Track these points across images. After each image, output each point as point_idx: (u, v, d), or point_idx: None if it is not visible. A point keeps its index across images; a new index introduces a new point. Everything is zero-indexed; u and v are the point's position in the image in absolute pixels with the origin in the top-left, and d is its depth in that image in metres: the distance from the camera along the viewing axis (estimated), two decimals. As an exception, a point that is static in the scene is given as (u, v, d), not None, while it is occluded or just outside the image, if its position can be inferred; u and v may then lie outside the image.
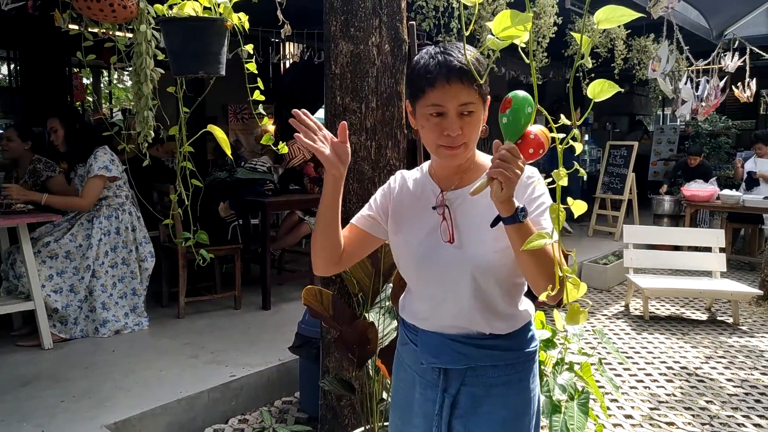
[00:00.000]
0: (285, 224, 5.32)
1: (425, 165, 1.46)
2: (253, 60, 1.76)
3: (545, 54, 5.12)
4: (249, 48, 1.68)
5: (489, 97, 1.32)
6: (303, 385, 3.22)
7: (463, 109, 1.25)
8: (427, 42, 5.02)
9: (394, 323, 2.36)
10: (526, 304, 1.42)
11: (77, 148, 3.98)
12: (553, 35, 4.98)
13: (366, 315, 2.31)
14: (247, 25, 1.53)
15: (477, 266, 1.31)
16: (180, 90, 2.05)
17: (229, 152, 1.91)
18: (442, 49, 1.28)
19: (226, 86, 1.82)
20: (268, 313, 4.39)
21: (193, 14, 1.54)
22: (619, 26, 6.01)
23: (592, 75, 5.60)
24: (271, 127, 8.10)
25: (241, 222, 5.22)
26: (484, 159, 1.40)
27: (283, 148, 1.87)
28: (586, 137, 9.97)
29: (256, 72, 1.67)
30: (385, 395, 2.38)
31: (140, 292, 4.02)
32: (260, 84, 1.80)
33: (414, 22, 2.80)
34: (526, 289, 1.41)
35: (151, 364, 3.35)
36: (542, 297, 1.40)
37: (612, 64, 6.23)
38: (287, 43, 7.70)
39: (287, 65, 8.95)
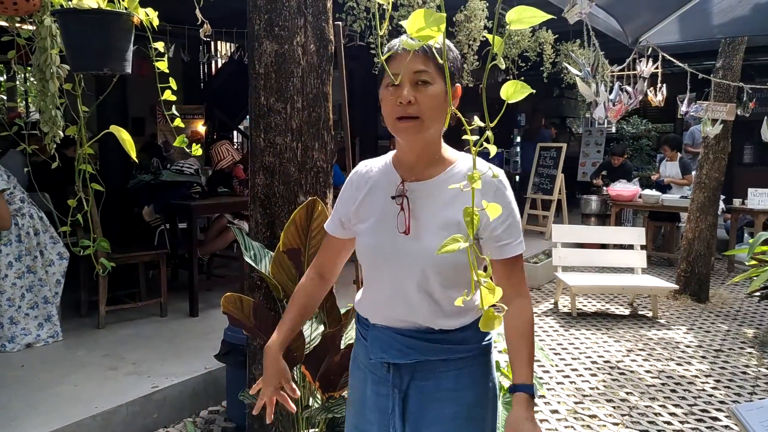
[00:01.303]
0: (214, 228, 5.16)
1: (390, 154, 1.43)
2: (165, 59, 1.67)
3: (476, 57, 5.20)
4: (159, 45, 1.59)
5: (459, 85, 1.31)
6: (230, 394, 3.12)
7: (417, 78, 1.23)
8: (360, 43, 5.01)
9: (321, 328, 2.32)
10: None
11: None
12: (483, 38, 5.07)
13: (291, 321, 2.26)
14: (156, 21, 1.44)
15: (430, 260, 1.29)
16: (79, 87, 1.93)
17: (134, 155, 1.81)
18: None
19: (155, 86, 1.72)
20: (196, 320, 4.24)
21: (96, 7, 1.45)
22: (547, 31, 6.20)
23: (522, 78, 5.75)
24: (202, 128, 7.88)
25: (168, 226, 5.03)
26: (452, 154, 1.37)
27: (197, 151, 1.79)
28: (518, 139, 10.24)
29: (167, 71, 1.59)
30: (311, 401, 2.33)
31: (51, 300, 3.77)
32: (173, 84, 1.72)
33: (341, 23, 2.77)
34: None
35: (65, 379, 3.16)
36: (458, 302, 1.39)
37: (541, 68, 6.42)
38: (219, 42, 7.50)
39: (219, 65, 8.73)
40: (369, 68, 4.73)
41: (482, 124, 1.16)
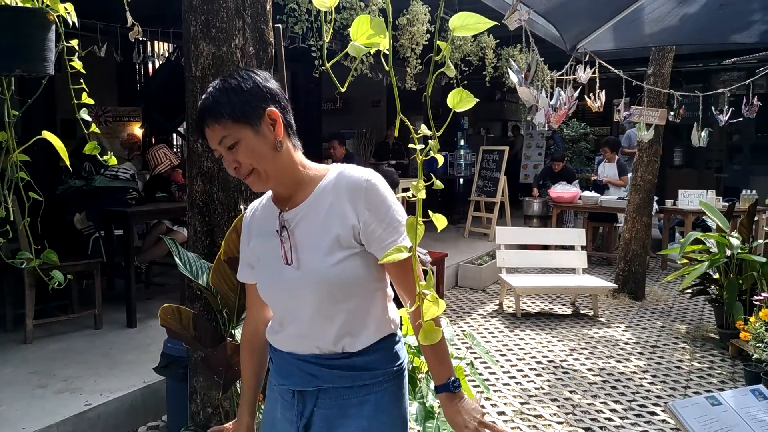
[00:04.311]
0: (152, 235, 4.97)
1: (269, 191, 1.41)
2: (75, 57, 1.55)
3: (419, 61, 5.22)
4: (74, 43, 1.49)
5: (269, 108, 1.24)
6: (170, 408, 3.00)
7: (225, 144, 1.23)
8: (302, 46, 4.94)
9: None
10: (388, 316, 1.35)
11: None
12: (426, 42, 5.10)
13: (233, 332, 2.18)
14: (74, 17, 1.34)
15: (314, 284, 1.27)
16: (8, 91, 1.80)
17: (67, 161, 1.70)
18: (212, 86, 1.28)
19: (88, 87, 1.60)
20: (134, 332, 4.07)
21: (7, 2, 1.34)
22: (488, 36, 6.31)
23: (465, 82, 5.83)
24: (138, 131, 7.59)
25: (103, 233, 4.81)
26: (318, 170, 1.34)
27: (112, 160, 1.69)
28: (462, 142, 10.38)
29: (83, 71, 1.48)
30: (257, 415, 2.26)
31: None
32: (83, 86, 1.61)
33: (281, 25, 2.71)
34: (386, 301, 1.36)
35: (-11, 399, 2.97)
36: (403, 312, 1.36)
37: (483, 72, 6.53)
38: (155, 42, 7.26)
39: (156, 65, 8.45)
40: (310, 71, 4.67)
41: (429, 132, 1.13)
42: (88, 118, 1.48)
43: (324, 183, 1.30)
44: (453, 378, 1.30)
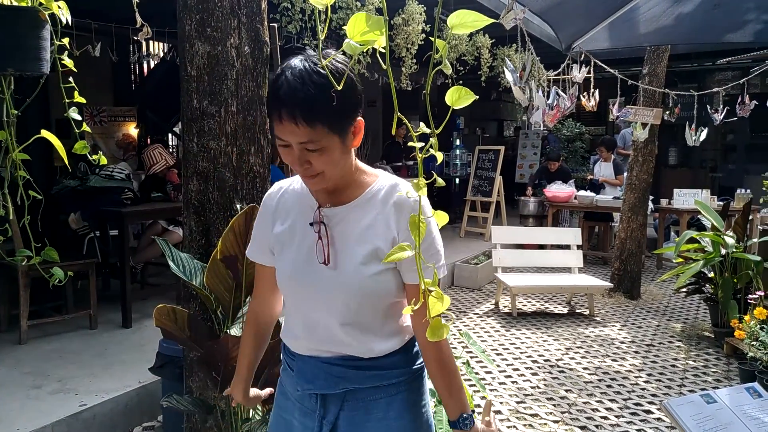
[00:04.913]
0: (147, 235, 4.96)
1: None
2: (65, 55, 1.54)
3: (414, 61, 5.22)
4: (65, 41, 1.48)
5: (359, 118, 1.19)
6: (166, 409, 2.99)
7: (305, 146, 1.13)
8: (298, 46, 4.93)
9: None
10: (409, 319, 1.35)
11: None
12: (422, 42, 5.10)
13: (228, 332, 2.18)
14: (68, 15, 1.33)
15: (351, 291, 1.23)
16: (8, 90, 1.79)
17: (66, 161, 1.69)
18: (303, 67, 1.12)
19: (82, 87, 1.59)
20: (129, 332, 4.05)
21: None
22: (484, 35, 6.31)
23: (461, 82, 5.84)
24: (134, 131, 7.56)
25: (98, 234, 4.79)
26: (369, 174, 1.29)
27: (102, 159, 1.68)
28: (458, 142, 10.38)
29: (74, 69, 1.47)
30: (252, 414, 2.26)
31: None
32: (73, 84, 1.60)
33: (276, 24, 2.71)
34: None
35: (-17, 400, 2.95)
36: (407, 311, 1.36)
37: (479, 72, 6.53)
38: (150, 42, 7.24)
39: (152, 65, 8.42)
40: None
41: (428, 131, 1.13)
42: (78, 117, 1.47)
43: (374, 189, 1.26)
44: (465, 414, 1.27)
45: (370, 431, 1.29)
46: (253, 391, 1.55)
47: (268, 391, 1.60)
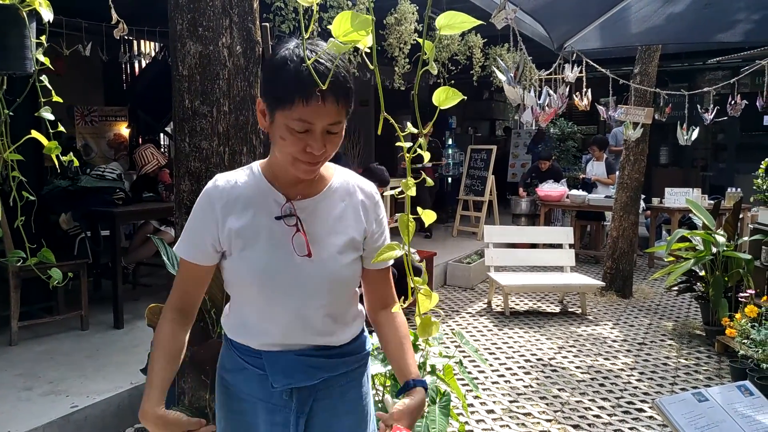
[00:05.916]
0: (139, 235, 4.93)
1: (255, 167, 1.31)
2: (41, 54, 1.53)
3: (407, 60, 5.22)
4: (42, 39, 1.46)
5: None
6: (158, 410, 2.97)
7: (331, 128, 1.17)
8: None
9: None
10: (360, 306, 1.44)
11: None
12: (414, 42, 5.09)
13: (221, 332, 2.17)
14: (50, 13, 1.32)
15: (330, 280, 1.28)
16: (0, 90, 1.78)
17: (56, 162, 1.68)
18: (318, 50, 1.14)
19: (72, 86, 1.58)
20: (121, 333, 4.03)
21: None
22: (476, 35, 6.32)
23: (452, 82, 5.84)
24: (125, 131, 7.52)
25: (90, 234, 4.76)
26: (327, 165, 1.32)
27: (75, 162, 1.67)
28: (450, 141, 10.39)
29: (51, 68, 1.46)
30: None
31: None
32: (47, 82, 1.59)
33: (268, 24, 2.70)
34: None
35: (-27, 403, 2.93)
36: (396, 309, 1.37)
37: (471, 71, 6.54)
38: (141, 41, 7.20)
39: (143, 64, 8.38)
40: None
41: (415, 131, 1.13)
42: (51, 117, 1.46)
43: (336, 181, 1.32)
44: (419, 378, 1.37)
45: (341, 414, 1.35)
46: (171, 416, 1.27)
47: (197, 422, 1.29)
